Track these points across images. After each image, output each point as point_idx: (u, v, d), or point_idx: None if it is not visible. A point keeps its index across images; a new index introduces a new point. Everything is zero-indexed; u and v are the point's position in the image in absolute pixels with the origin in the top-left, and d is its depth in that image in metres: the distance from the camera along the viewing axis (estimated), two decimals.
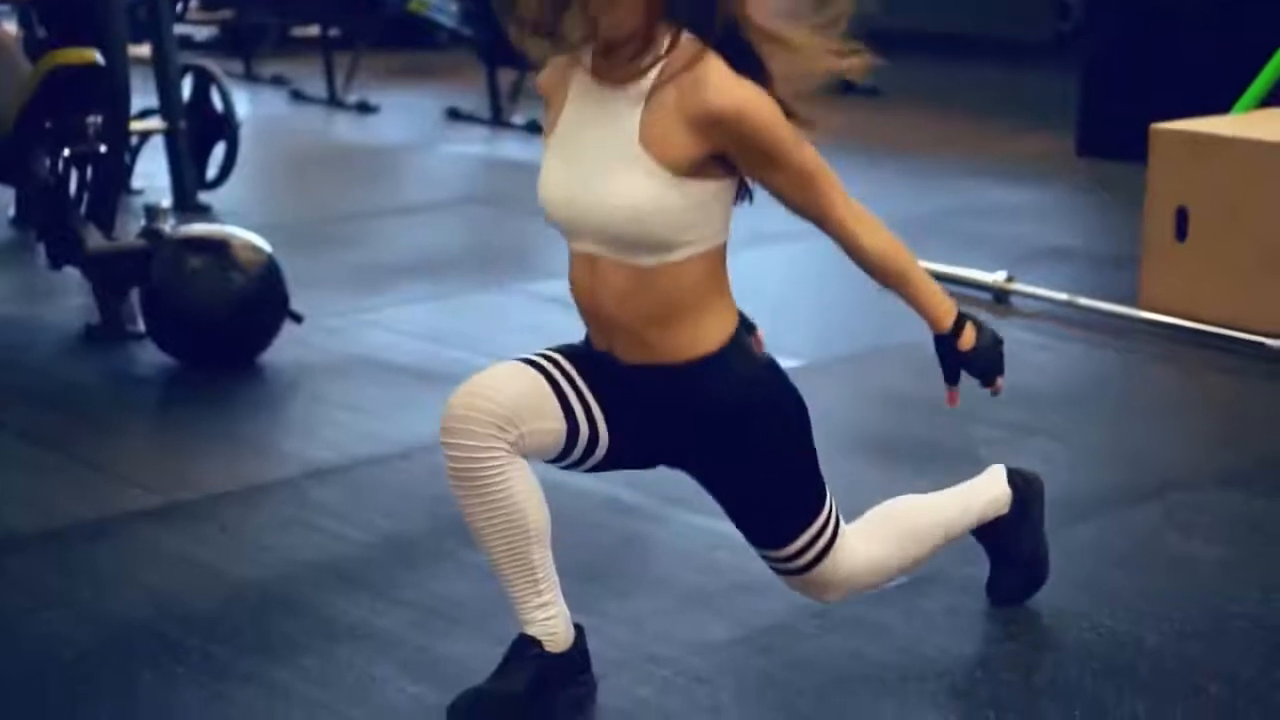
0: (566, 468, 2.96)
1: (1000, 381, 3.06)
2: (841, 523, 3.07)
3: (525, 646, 2.93)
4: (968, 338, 3.00)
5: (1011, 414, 4.55)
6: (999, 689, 3.09)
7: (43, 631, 3.31)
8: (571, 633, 2.98)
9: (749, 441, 2.91)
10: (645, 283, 2.80)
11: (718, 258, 2.87)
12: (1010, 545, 3.37)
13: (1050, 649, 3.25)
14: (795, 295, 5.66)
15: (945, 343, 3.02)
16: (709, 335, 2.86)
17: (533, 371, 2.86)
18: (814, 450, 3.00)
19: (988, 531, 3.35)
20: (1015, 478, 3.37)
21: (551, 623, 2.94)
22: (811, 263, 6.13)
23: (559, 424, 2.85)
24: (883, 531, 3.17)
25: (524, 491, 2.83)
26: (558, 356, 2.91)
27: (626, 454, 2.95)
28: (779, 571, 3.08)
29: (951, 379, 3.05)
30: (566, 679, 2.98)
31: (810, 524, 2.99)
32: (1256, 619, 3.37)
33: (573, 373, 2.89)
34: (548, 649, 2.93)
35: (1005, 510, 3.33)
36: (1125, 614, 3.39)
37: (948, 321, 2.98)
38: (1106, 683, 3.12)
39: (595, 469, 2.97)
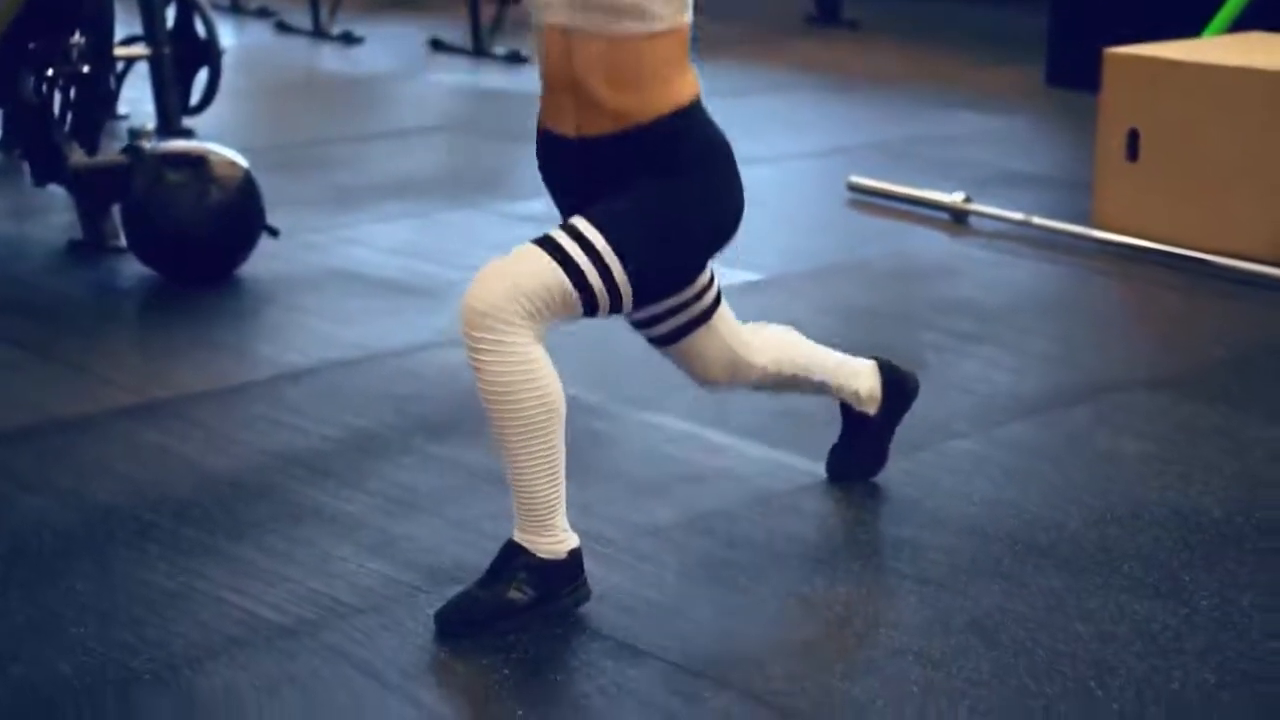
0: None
1: None
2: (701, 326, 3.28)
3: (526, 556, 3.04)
4: None
5: (961, 324, 4.75)
6: (925, 567, 3.28)
7: (26, 515, 3.50)
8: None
9: (675, 185, 3.00)
10: (620, 50, 2.94)
11: (684, 38, 3.01)
12: (867, 432, 3.60)
13: (976, 533, 3.44)
14: (757, 215, 5.80)
15: None
16: (681, 92, 3.01)
17: (537, 250, 2.95)
18: (711, 243, 3.11)
19: (854, 416, 3.59)
20: (892, 377, 3.60)
21: (566, 533, 3.06)
22: (774, 184, 6.30)
23: (574, 295, 2.94)
24: (763, 342, 3.40)
25: (550, 377, 2.96)
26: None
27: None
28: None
29: None
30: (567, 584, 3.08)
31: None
32: (1174, 507, 3.56)
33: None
34: (544, 557, 3.04)
35: (871, 410, 3.57)
36: (1050, 502, 3.58)
37: None
38: (1027, 561, 3.31)
39: None
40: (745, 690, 2.84)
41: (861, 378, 3.57)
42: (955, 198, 5.81)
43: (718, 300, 3.32)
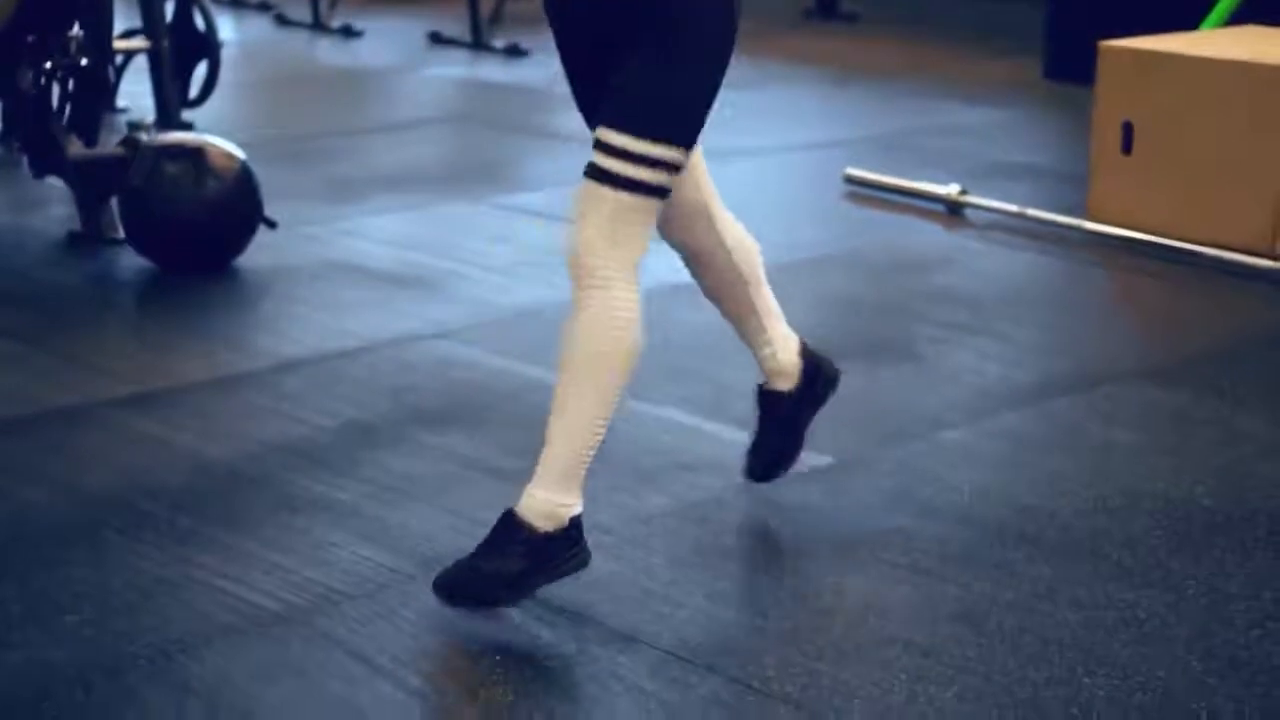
0: None
1: None
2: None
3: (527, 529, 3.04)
4: None
5: (956, 315, 4.77)
6: (915, 555, 3.30)
7: (21, 504, 3.52)
8: None
9: (678, 37, 2.99)
10: None
11: None
12: (780, 416, 3.54)
13: (967, 522, 3.46)
14: (754, 206, 5.83)
15: None
16: None
17: (593, 185, 2.99)
18: (719, 76, 3.08)
19: (768, 396, 3.54)
20: (812, 360, 3.55)
21: (577, 498, 3.07)
22: (771, 176, 6.33)
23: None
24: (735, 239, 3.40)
25: (639, 326, 3.02)
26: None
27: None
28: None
29: None
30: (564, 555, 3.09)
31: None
32: (1165, 497, 3.58)
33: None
34: (541, 529, 3.04)
35: (786, 386, 3.52)
36: (1041, 492, 3.60)
37: None
38: (1018, 550, 3.33)
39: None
40: (736, 677, 2.86)
41: (790, 344, 3.51)
42: (951, 190, 5.83)
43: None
